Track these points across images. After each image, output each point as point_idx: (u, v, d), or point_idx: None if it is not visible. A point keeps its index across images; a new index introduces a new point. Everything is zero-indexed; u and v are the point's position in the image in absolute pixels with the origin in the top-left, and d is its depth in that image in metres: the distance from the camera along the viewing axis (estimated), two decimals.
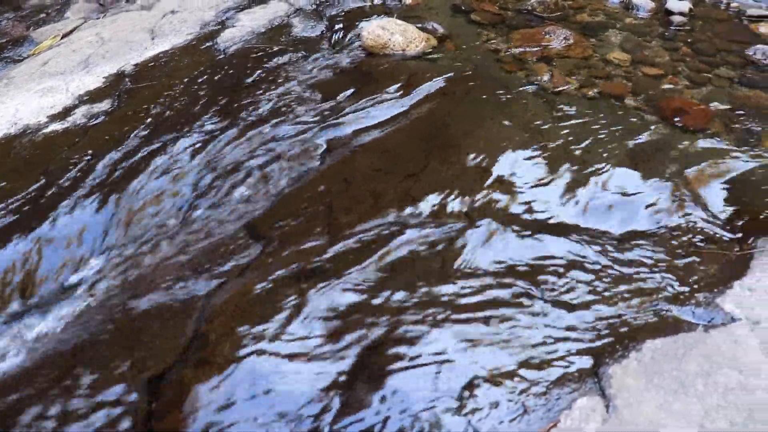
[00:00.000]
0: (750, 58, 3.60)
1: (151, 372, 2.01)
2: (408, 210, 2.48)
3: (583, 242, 2.31)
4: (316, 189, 2.69)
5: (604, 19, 4.09)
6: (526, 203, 2.50)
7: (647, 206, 2.48)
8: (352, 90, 3.36)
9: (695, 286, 2.11)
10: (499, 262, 2.24)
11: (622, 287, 2.12)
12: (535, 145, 2.80)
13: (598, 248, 2.28)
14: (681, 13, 4.07)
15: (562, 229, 2.36)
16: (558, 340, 1.96)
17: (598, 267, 2.21)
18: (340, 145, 2.97)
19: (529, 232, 2.37)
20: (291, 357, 1.98)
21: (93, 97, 3.53)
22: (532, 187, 2.57)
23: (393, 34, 3.59)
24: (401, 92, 3.24)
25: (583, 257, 2.24)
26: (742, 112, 3.13)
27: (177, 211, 2.73)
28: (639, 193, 2.53)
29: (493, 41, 3.75)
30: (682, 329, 1.95)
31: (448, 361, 1.93)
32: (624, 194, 2.53)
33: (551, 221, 2.42)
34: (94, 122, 3.30)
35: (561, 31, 3.74)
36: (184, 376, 1.97)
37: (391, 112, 3.12)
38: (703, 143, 2.84)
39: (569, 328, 1.99)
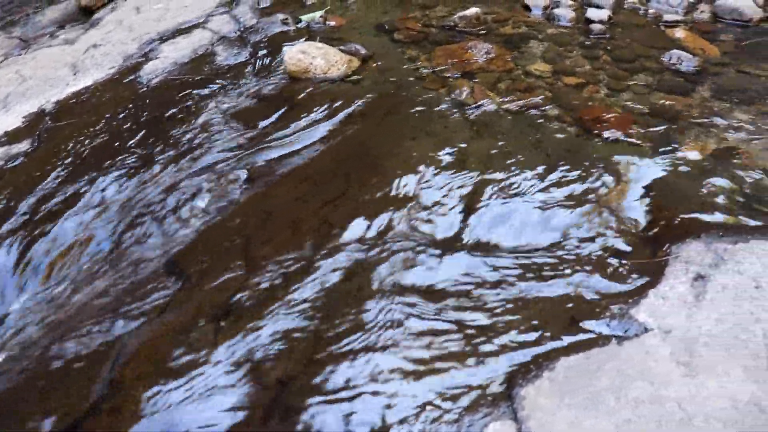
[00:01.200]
0: (666, 63, 3.63)
1: (64, 424, 1.94)
2: (325, 237, 2.44)
3: (501, 259, 2.29)
4: (236, 221, 2.65)
5: (527, 31, 4.12)
6: (442, 222, 2.50)
7: (565, 218, 2.48)
8: (274, 117, 3.33)
9: (611, 298, 2.11)
10: (416, 285, 2.23)
11: (540, 304, 2.12)
12: (454, 163, 2.80)
13: (514, 264, 2.27)
14: (601, 21, 4.12)
15: (479, 247, 2.37)
16: (473, 364, 1.93)
17: (514, 285, 2.19)
18: (261, 175, 2.93)
19: (446, 252, 2.35)
20: (205, 397, 1.93)
21: (11, 137, 3.45)
22: (450, 205, 2.57)
23: (314, 58, 3.57)
24: (322, 117, 3.22)
25: (501, 275, 2.23)
26: (659, 117, 3.16)
27: (97, 253, 2.67)
28: (557, 205, 2.53)
29: (415, 59, 3.74)
30: (597, 344, 1.94)
31: (362, 393, 1.89)
32: (542, 207, 2.52)
33: (468, 240, 2.43)
34: (12, 164, 3.22)
35: (483, 46, 3.75)
36: (96, 427, 1.90)
37: (312, 138, 3.09)
38: (621, 151, 2.87)
39: (484, 353, 1.97)
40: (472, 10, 4.09)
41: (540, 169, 2.75)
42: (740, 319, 1.94)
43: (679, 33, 4.01)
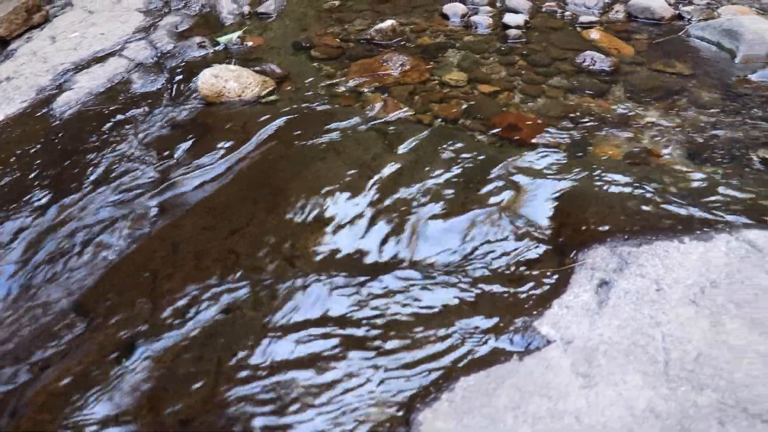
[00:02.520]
0: (581, 65, 3.63)
1: None
2: (231, 268, 2.37)
3: (406, 279, 2.26)
4: (144, 256, 2.58)
5: (445, 40, 4.10)
6: (347, 244, 2.45)
7: (473, 230, 2.48)
8: (188, 144, 3.27)
9: (515, 311, 2.08)
10: (319, 311, 2.22)
11: (444, 322, 2.08)
12: (363, 181, 2.77)
13: (421, 282, 2.24)
14: (517, 27, 4.12)
15: (384, 267, 2.34)
16: (374, 389, 1.88)
17: (420, 303, 2.16)
18: (172, 206, 2.87)
19: (351, 274, 2.29)
20: None
21: None
22: (356, 226, 2.53)
23: (227, 81, 3.51)
24: (235, 142, 3.16)
25: (407, 294, 2.19)
26: (573, 121, 3.18)
27: (1, 297, 2.56)
28: (465, 217, 2.51)
29: (332, 76, 3.70)
30: (498, 360, 1.91)
31: (258, 426, 1.82)
32: (449, 221, 2.50)
33: (373, 260, 2.41)
34: None
35: (398, 58, 3.72)
36: None
37: (223, 164, 3.04)
38: (533, 157, 2.85)
39: (386, 378, 1.91)
40: (388, 23, 4.06)
41: (450, 181, 2.75)
42: (640, 324, 1.92)
43: (595, 34, 4.02)
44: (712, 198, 2.52)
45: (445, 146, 2.97)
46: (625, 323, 1.94)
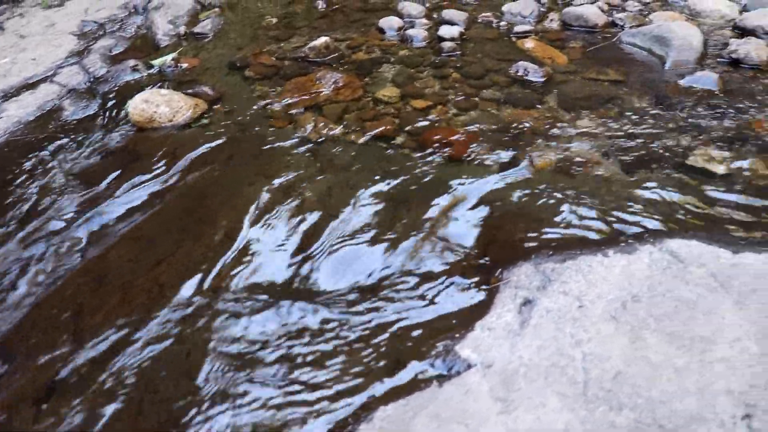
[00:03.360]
0: (514, 76, 3.62)
1: None
2: (156, 300, 2.31)
3: (328, 306, 2.21)
4: (69, 291, 2.51)
5: (380, 55, 4.07)
6: (272, 272, 2.42)
7: (399, 252, 2.46)
8: (118, 172, 3.21)
9: (438, 335, 2.05)
10: (246, 342, 2.16)
11: (365, 351, 2.05)
12: (291, 205, 2.74)
13: (342, 310, 2.21)
14: (452, 39, 4.10)
15: (309, 294, 2.33)
16: (297, 426, 1.82)
17: (344, 330, 2.13)
18: (99, 237, 2.80)
19: (272, 304, 2.26)
20: None
21: None
22: (282, 252, 2.52)
23: (158, 106, 3.44)
24: (165, 168, 3.10)
25: (326, 323, 2.15)
26: (505, 133, 3.19)
27: None
28: (391, 239, 2.48)
29: (265, 96, 3.66)
30: (418, 387, 1.88)
31: None
32: (375, 243, 2.46)
33: (298, 287, 2.39)
34: None
35: (331, 75, 3.68)
36: None
37: (152, 192, 2.98)
38: (464, 173, 2.86)
39: (308, 412, 1.89)
40: (321, 40, 4.02)
41: (378, 201, 2.74)
42: (561, 344, 1.89)
43: (529, 43, 4.02)
44: (640, 208, 2.54)
45: (375, 165, 2.93)
46: (546, 343, 1.92)
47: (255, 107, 3.59)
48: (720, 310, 1.98)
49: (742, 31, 4.06)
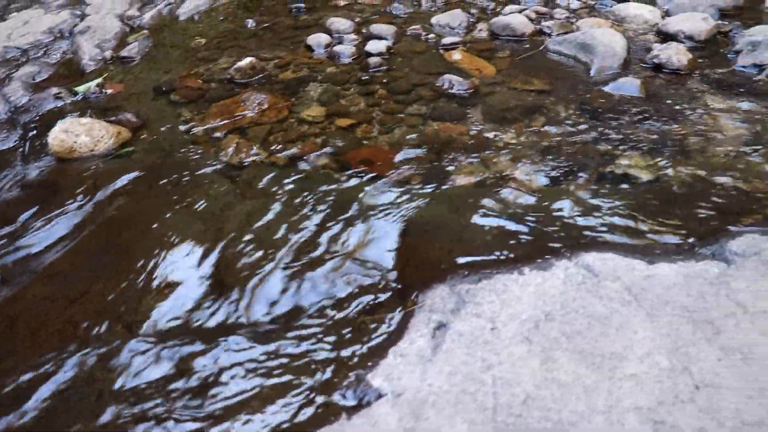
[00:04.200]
0: (440, 89, 3.59)
1: None
2: (69, 341, 2.23)
3: (244, 338, 2.18)
4: None
5: (308, 74, 4.02)
6: (187, 306, 2.35)
7: (316, 278, 2.43)
8: (36, 207, 3.07)
9: (351, 364, 2.00)
10: (161, 382, 2.09)
11: (279, 384, 2.04)
12: (211, 234, 2.71)
13: (254, 344, 2.14)
14: (379, 54, 4.07)
15: (224, 328, 2.28)
16: None
17: (251, 366, 2.08)
18: (13, 276, 2.69)
19: (186, 339, 2.19)
20: None
21: None
22: (196, 286, 2.49)
23: (78, 136, 3.35)
24: (84, 200, 3.02)
25: (238, 359, 2.08)
26: (430, 149, 3.18)
27: None
28: (309, 264, 2.44)
29: (190, 121, 3.57)
30: (328, 420, 1.83)
31: None
32: (293, 271, 2.39)
33: (211, 322, 2.34)
34: None
35: (256, 96, 3.61)
36: None
37: (69, 226, 2.87)
38: (387, 192, 2.84)
39: None
40: (247, 60, 3.96)
41: (298, 226, 2.72)
42: (472, 369, 1.85)
43: (457, 55, 4.00)
44: (561, 221, 2.54)
45: (297, 188, 2.89)
46: (457, 369, 1.88)
47: (179, 133, 3.51)
48: (632, 324, 1.96)
49: (665, 36, 4.09)
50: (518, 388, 1.81)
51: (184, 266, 2.53)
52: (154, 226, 2.79)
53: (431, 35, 4.39)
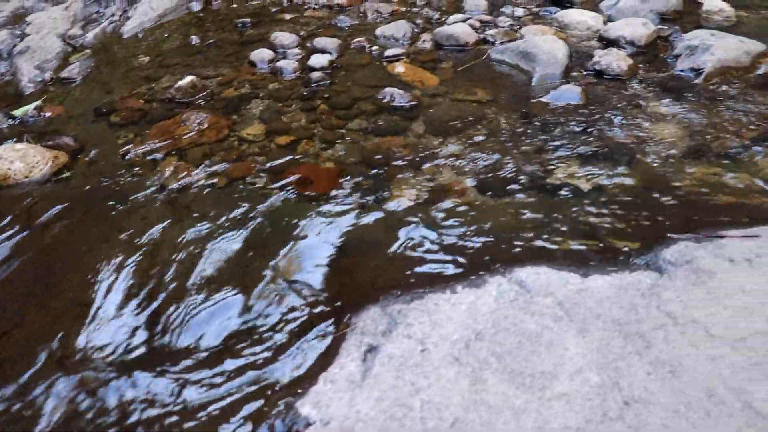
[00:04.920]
0: (381, 103, 3.55)
1: None
2: None
3: (176, 369, 2.10)
4: None
5: (250, 91, 3.96)
6: (121, 336, 2.29)
7: (249, 304, 2.42)
8: None
9: (281, 392, 1.95)
10: (86, 413, 2.04)
11: (209, 416, 1.98)
12: (144, 261, 2.69)
13: (189, 373, 2.07)
14: (322, 68, 4.03)
15: (156, 359, 2.26)
16: None
17: (185, 397, 2.02)
18: None
19: (116, 372, 2.13)
20: None
21: None
22: (131, 314, 2.43)
23: (12, 162, 3.26)
24: (17, 229, 2.93)
25: (165, 391, 2.01)
26: (370, 165, 3.17)
27: None
28: (243, 289, 2.41)
29: (130, 143, 3.50)
30: None
31: None
32: (226, 296, 2.35)
33: (146, 351, 2.31)
34: None
35: (196, 116, 3.55)
36: None
37: (1, 256, 2.76)
38: (325, 211, 2.82)
39: None
40: (187, 79, 3.89)
41: (234, 248, 2.70)
42: (400, 393, 1.81)
43: (400, 67, 3.97)
44: (498, 235, 2.55)
45: (234, 210, 2.84)
46: (385, 394, 1.84)
47: (118, 156, 3.45)
48: (563, 340, 1.94)
49: (607, 42, 4.10)
50: (446, 412, 1.78)
51: (117, 296, 2.48)
52: (88, 254, 2.73)
53: (375, 47, 4.36)
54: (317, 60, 4.08)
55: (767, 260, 2.18)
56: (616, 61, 3.71)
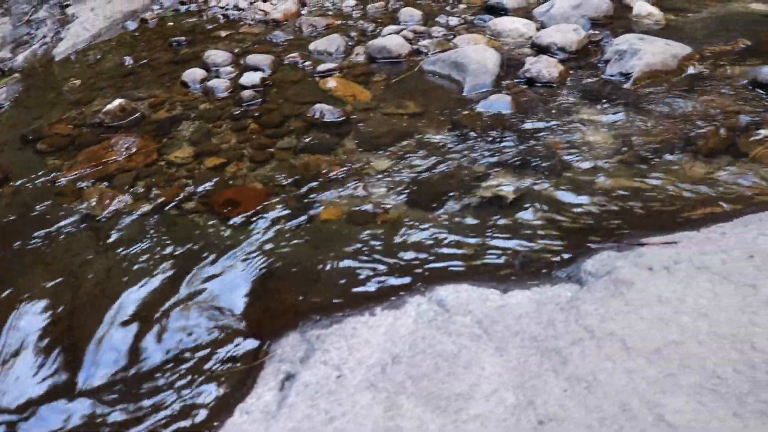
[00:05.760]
0: (311, 120, 3.52)
1: None
2: None
3: (94, 402, 2.06)
4: None
5: (181, 112, 3.90)
6: (38, 373, 2.23)
7: (170, 333, 2.39)
8: None
9: (198, 424, 1.91)
10: None
11: None
12: (65, 295, 2.62)
13: (106, 407, 2.00)
14: (253, 87, 3.98)
15: (73, 394, 2.20)
16: None
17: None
18: None
19: (33, 410, 2.04)
20: None
21: None
22: (47, 351, 2.41)
23: None
24: None
25: (89, 422, 1.94)
26: (300, 184, 3.18)
27: None
28: (165, 317, 2.39)
29: (56, 170, 3.42)
30: None
31: None
32: (148, 326, 2.32)
33: (63, 385, 2.25)
34: None
35: (125, 140, 3.48)
36: None
37: None
38: (251, 233, 2.85)
39: None
40: (115, 103, 3.82)
41: (158, 276, 2.67)
42: (314, 424, 1.79)
43: (332, 82, 3.94)
44: (423, 252, 2.57)
45: (161, 236, 2.80)
46: (299, 425, 1.81)
47: (43, 184, 3.36)
48: (480, 360, 1.92)
49: (539, 49, 4.12)
50: None
51: (35, 331, 2.42)
52: (8, 289, 2.63)
53: (308, 63, 4.32)
54: (249, 78, 4.04)
55: (684, 267, 2.16)
56: (546, 68, 3.72)
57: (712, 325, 1.90)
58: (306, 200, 2.94)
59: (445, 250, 2.47)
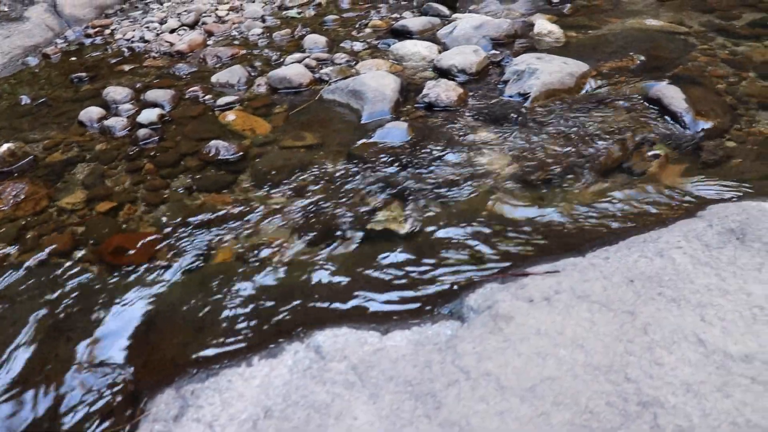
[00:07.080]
0: (207, 157, 3.45)
1: None
2: None
3: None
4: None
5: (77, 153, 3.79)
6: None
7: (46, 397, 2.33)
8: None
9: None
10: None
11: None
12: None
13: None
14: (150, 124, 3.89)
15: None
16: None
17: None
18: None
19: None
20: None
21: None
22: None
23: None
24: None
25: None
26: (192, 226, 3.13)
27: None
28: (43, 380, 2.33)
29: None
30: None
31: None
32: (23, 390, 2.28)
33: None
34: None
35: (14, 187, 3.36)
36: None
37: None
38: (139, 282, 2.79)
39: None
40: (4, 147, 3.71)
41: (39, 335, 2.59)
42: None
43: (231, 116, 3.88)
44: (308, 295, 2.56)
45: (45, 290, 2.71)
46: None
47: None
48: (353, 409, 1.88)
49: (441, 72, 4.11)
50: None
51: None
52: None
53: (209, 96, 4.25)
54: (146, 115, 3.96)
55: (565, 297, 2.16)
56: (445, 92, 3.72)
57: (588, 356, 1.90)
58: (198, 243, 2.86)
59: (330, 291, 2.44)
